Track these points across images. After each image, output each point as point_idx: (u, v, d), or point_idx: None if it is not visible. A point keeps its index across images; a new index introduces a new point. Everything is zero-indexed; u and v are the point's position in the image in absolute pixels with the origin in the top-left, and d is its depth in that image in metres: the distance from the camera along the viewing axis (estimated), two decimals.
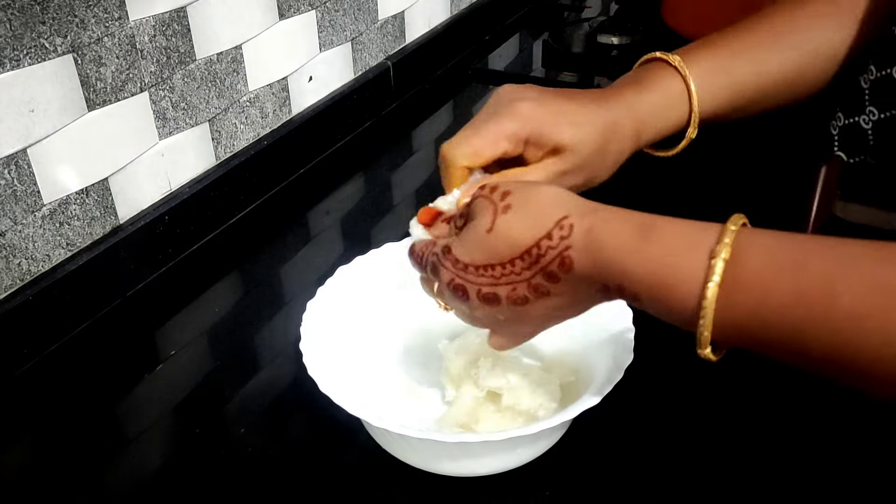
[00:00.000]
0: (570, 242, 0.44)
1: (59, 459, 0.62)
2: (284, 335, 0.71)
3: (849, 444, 0.58)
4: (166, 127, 0.80)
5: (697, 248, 0.40)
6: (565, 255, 0.44)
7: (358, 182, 0.98)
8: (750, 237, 0.40)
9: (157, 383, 0.68)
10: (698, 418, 0.61)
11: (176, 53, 0.79)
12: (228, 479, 0.59)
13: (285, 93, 0.94)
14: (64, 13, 0.67)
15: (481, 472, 0.57)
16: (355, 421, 0.56)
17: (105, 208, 0.76)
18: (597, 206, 0.45)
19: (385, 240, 0.68)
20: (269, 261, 0.84)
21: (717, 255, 0.39)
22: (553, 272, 0.44)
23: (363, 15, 1.03)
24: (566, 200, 0.46)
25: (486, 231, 0.46)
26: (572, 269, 0.44)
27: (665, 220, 0.43)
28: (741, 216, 0.41)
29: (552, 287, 0.45)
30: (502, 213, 0.46)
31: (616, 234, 0.43)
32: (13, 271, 0.68)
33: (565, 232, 0.44)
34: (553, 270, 0.44)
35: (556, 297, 0.46)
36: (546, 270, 0.44)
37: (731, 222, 0.40)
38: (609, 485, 0.57)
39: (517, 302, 0.46)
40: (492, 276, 0.46)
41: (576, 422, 0.55)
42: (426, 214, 0.53)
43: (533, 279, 0.45)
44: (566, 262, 0.44)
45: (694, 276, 0.39)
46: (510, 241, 0.45)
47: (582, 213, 0.44)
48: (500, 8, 1.33)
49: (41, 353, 0.70)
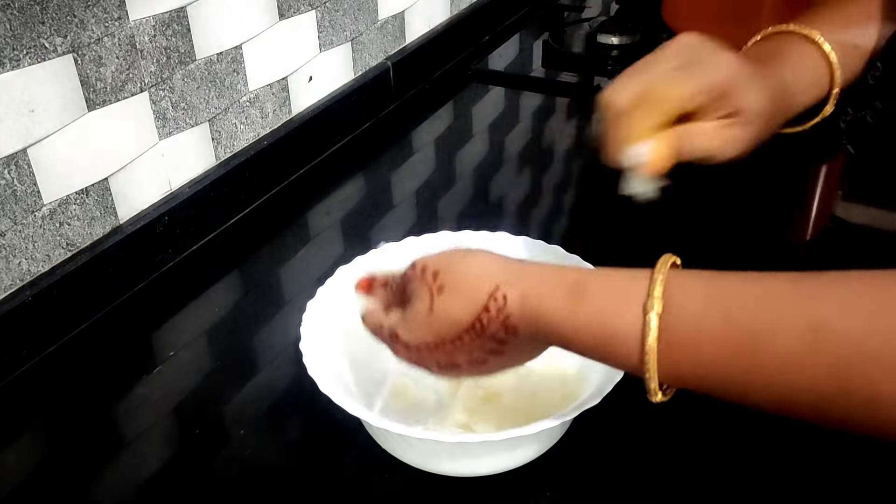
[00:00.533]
0: (507, 311, 0.45)
1: (58, 460, 0.62)
2: (284, 335, 0.71)
3: (849, 443, 0.58)
4: (166, 127, 0.80)
5: (630, 302, 0.40)
6: (507, 323, 0.45)
7: (358, 182, 0.98)
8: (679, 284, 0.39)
9: (156, 384, 0.68)
10: (698, 418, 0.61)
11: (176, 53, 0.79)
12: (228, 479, 0.59)
13: (285, 93, 0.94)
14: (64, 13, 0.67)
15: (481, 472, 0.57)
16: (355, 421, 0.56)
17: (105, 208, 0.75)
18: (523, 269, 0.46)
19: (385, 240, 0.68)
20: (269, 261, 0.84)
21: (649, 310, 0.39)
22: (501, 338, 0.46)
23: (363, 15, 1.03)
24: (494, 271, 0.46)
25: (427, 313, 0.47)
26: (517, 332, 0.45)
27: (594, 277, 0.43)
28: (670, 256, 0.41)
29: (504, 347, 0.46)
30: (437, 295, 0.47)
31: (548, 299, 0.43)
32: (13, 271, 0.68)
33: (500, 303, 0.45)
34: (500, 336, 0.45)
35: (512, 352, 0.47)
36: (495, 337, 0.46)
37: (658, 269, 0.40)
38: (609, 485, 0.57)
39: (476, 364, 0.48)
40: (444, 351, 0.47)
41: (576, 422, 0.55)
42: (363, 284, 0.55)
43: (485, 345, 0.46)
44: (509, 329, 0.45)
45: (632, 334, 0.40)
46: (451, 321, 0.46)
47: (511, 282, 0.45)
48: (500, 8, 1.32)
49: (41, 353, 0.70)
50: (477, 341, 0.46)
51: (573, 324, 0.42)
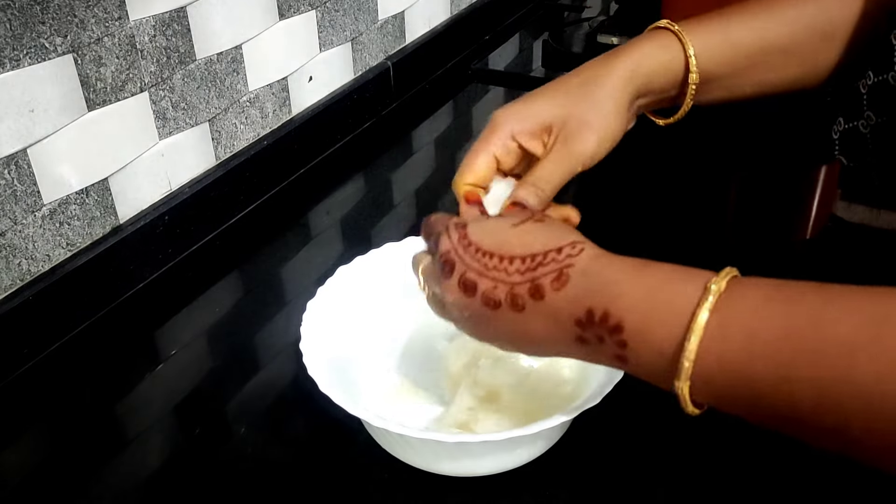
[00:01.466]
0: (573, 262, 0.44)
1: (59, 459, 0.62)
2: (284, 335, 0.71)
3: None
4: (166, 127, 0.80)
5: (693, 280, 0.40)
6: (564, 271, 0.44)
7: (358, 182, 0.98)
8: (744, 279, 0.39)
9: (157, 383, 0.68)
10: (698, 418, 0.61)
11: (176, 53, 0.79)
12: (228, 478, 0.59)
13: (285, 93, 0.94)
14: (64, 13, 0.67)
15: (481, 471, 0.57)
16: (355, 421, 0.56)
17: (105, 208, 0.76)
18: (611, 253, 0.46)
19: (385, 240, 0.68)
20: (269, 261, 0.84)
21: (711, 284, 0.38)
22: (542, 286, 0.44)
23: (363, 15, 1.03)
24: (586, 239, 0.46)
25: (510, 226, 0.47)
26: (564, 286, 0.43)
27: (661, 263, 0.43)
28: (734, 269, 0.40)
29: (530, 303, 0.44)
30: (533, 221, 0.48)
31: (618, 262, 0.44)
32: (13, 271, 0.68)
33: (574, 251, 0.44)
34: (542, 284, 0.44)
35: (527, 317, 0.45)
36: (537, 282, 0.44)
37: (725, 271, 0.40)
38: (609, 485, 0.57)
39: (489, 303, 0.46)
40: (485, 264, 0.46)
41: (576, 422, 0.55)
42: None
43: (519, 286, 0.45)
44: (561, 278, 0.43)
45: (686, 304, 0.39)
46: (526, 241, 0.46)
47: (596, 246, 0.45)
48: (500, 8, 1.32)
49: (41, 353, 0.70)
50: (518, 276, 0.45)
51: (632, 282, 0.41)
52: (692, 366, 0.38)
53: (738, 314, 0.37)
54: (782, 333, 0.36)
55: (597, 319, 0.42)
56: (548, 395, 0.60)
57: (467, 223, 0.49)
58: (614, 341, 0.41)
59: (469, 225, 0.49)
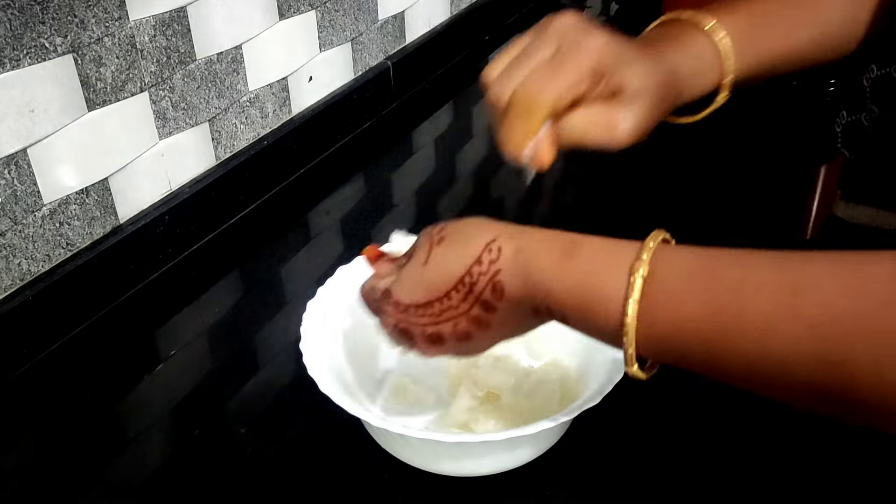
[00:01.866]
0: (499, 266, 0.44)
1: (59, 459, 0.62)
2: (284, 335, 0.71)
3: (849, 443, 0.58)
4: (166, 127, 0.80)
5: (617, 266, 0.40)
6: (496, 280, 0.44)
7: (358, 182, 0.98)
8: (667, 253, 0.40)
9: (157, 383, 0.68)
10: (698, 418, 0.61)
11: (176, 53, 0.79)
12: (228, 479, 0.59)
13: (285, 93, 0.94)
14: (64, 13, 0.67)
15: (481, 472, 0.57)
16: (355, 421, 0.56)
17: (105, 208, 0.76)
18: (525, 228, 0.45)
19: (385, 240, 0.68)
20: (269, 261, 0.84)
21: (635, 271, 0.39)
22: (487, 301, 0.45)
23: (363, 15, 1.03)
24: (496, 226, 0.46)
25: (422, 266, 0.47)
26: (504, 294, 0.44)
27: (589, 240, 0.43)
28: (662, 231, 0.41)
29: (490, 317, 0.45)
30: (436, 246, 0.47)
31: (542, 254, 0.43)
32: (13, 271, 0.68)
33: (494, 255, 0.44)
34: (487, 299, 0.45)
35: (496, 326, 0.46)
36: (481, 299, 0.45)
37: (650, 238, 0.40)
38: (609, 485, 0.57)
39: (461, 338, 0.47)
40: (432, 314, 0.47)
41: (576, 422, 0.55)
42: (371, 250, 0.55)
43: (471, 311, 0.45)
44: (497, 288, 0.44)
45: (615, 294, 0.40)
46: (444, 271, 0.46)
47: (510, 234, 0.45)
48: (500, 8, 1.32)
49: (41, 353, 0.70)
50: (464, 304, 0.45)
51: (560, 281, 0.42)
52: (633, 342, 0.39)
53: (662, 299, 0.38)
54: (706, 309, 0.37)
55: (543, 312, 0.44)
56: (548, 396, 0.60)
57: (390, 290, 0.49)
58: (565, 323, 0.43)
59: (392, 291, 0.49)
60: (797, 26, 0.57)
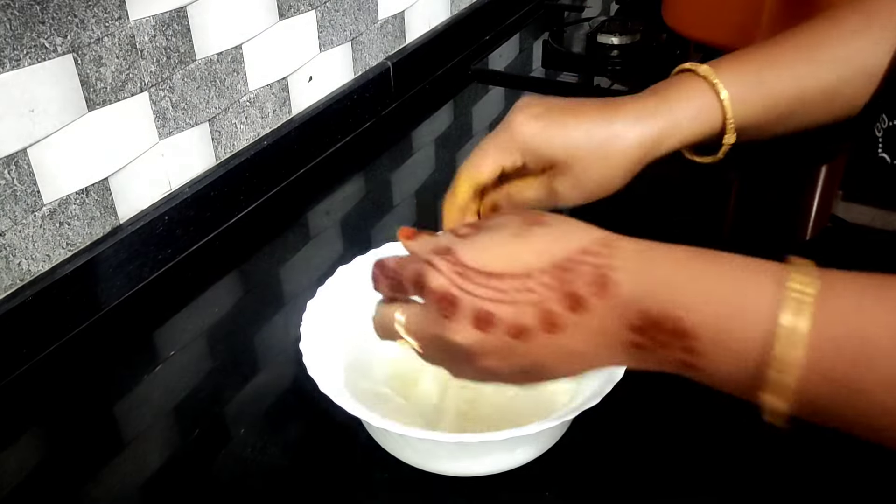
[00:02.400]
0: (612, 260, 0.37)
1: (58, 460, 0.62)
2: (284, 335, 0.71)
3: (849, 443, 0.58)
4: (166, 127, 0.80)
5: (769, 272, 0.34)
6: (603, 272, 0.36)
7: (358, 182, 0.98)
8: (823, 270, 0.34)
9: (156, 384, 0.68)
10: (699, 418, 0.61)
11: (176, 53, 0.79)
12: (228, 479, 0.59)
13: (285, 93, 0.94)
14: (64, 13, 0.67)
15: (481, 471, 0.57)
16: (355, 421, 0.56)
17: (105, 208, 0.75)
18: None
19: (385, 240, 0.68)
20: (269, 261, 0.84)
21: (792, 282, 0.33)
22: (580, 296, 0.36)
23: (363, 15, 1.03)
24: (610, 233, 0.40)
25: (510, 237, 0.40)
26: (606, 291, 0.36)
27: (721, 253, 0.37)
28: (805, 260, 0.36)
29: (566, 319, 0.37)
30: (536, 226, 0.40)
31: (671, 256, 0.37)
32: (13, 271, 0.68)
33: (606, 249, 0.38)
34: (580, 292, 0.36)
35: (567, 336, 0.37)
36: (571, 292, 0.37)
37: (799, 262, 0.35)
38: (609, 485, 0.57)
39: (513, 332, 0.38)
40: (497, 288, 0.38)
41: (576, 422, 0.55)
42: (407, 230, 0.47)
43: (549, 302, 0.37)
44: (601, 281, 0.36)
45: (767, 304, 0.33)
46: (539, 248, 0.38)
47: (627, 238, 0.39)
48: (500, 8, 1.32)
49: (41, 353, 0.70)
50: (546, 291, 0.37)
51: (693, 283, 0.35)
52: (784, 377, 0.33)
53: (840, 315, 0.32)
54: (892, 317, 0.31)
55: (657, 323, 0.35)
56: (547, 396, 0.60)
57: (452, 247, 0.40)
58: (680, 346, 0.35)
59: (456, 249, 0.40)
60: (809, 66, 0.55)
